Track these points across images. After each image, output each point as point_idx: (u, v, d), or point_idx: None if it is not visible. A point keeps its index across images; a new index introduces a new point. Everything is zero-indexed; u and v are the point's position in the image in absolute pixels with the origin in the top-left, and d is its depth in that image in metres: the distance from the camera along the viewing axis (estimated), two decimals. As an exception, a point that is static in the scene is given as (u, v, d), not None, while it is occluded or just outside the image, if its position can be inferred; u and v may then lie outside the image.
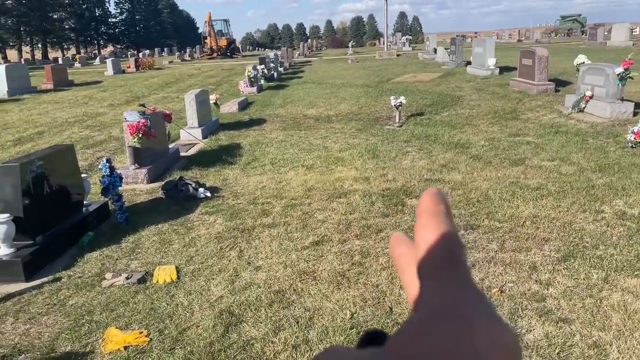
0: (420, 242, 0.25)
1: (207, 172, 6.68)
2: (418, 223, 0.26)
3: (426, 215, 0.26)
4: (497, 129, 8.49)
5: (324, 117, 10.72)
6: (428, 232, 0.25)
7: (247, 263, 3.96)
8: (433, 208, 0.26)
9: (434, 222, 0.25)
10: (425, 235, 0.25)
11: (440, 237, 0.25)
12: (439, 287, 0.23)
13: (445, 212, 0.26)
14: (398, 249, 0.28)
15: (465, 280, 0.24)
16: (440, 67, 20.26)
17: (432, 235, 0.25)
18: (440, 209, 0.26)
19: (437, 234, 0.25)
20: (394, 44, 42.60)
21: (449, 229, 0.25)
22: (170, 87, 18.75)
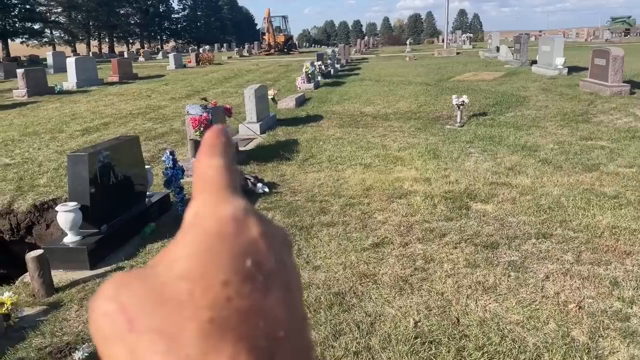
0: (195, 168, 0.27)
1: (264, 167, 6.67)
2: (198, 153, 0.28)
3: (204, 146, 0.28)
4: (567, 132, 8.03)
5: (382, 115, 10.53)
6: (203, 160, 0.27)
7: (306, 262, 3.88)
8: (213, 140, 0.28)
9: (209, 151, 0.28)
10: (200, 162, 0.27)
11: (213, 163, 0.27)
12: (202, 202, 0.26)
13: (224, 144, 0.28)
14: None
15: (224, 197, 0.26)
16: (503, 66, 19.54)
17: (206, 161, 0.27)
18: (219, 142, 0.28)
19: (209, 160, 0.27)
20: (454, 41, 41.59)
21: (222, 158, 0.27)
22: (229, 82, 19.05)
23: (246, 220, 0.25)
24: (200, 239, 0.24)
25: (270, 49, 43.51)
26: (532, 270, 3.58)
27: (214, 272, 0.23)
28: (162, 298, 0.22)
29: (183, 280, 0.23)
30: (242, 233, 0.25)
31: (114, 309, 0.23)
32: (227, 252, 0.24)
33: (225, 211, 0.25)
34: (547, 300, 3.18)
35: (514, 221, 4.48)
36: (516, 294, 3.28)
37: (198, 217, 0.25)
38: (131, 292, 0.23)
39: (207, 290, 0.22)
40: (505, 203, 4.95)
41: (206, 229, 0.24)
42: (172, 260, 0.24)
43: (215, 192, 0.26)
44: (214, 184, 0.26)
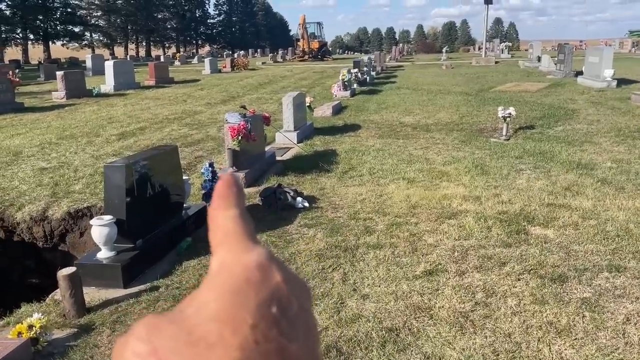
0: (213, 220, 0.28)
1: (303, 179, 6.40)
2: (212, 205, 0.29)
3: (218, 198, 0.29)
4: (624, 149, 7.52)
5: (422, 125, 10.16)
6: (219, 212, 0.28)
7: (353, 289, 3.57)
8: (224, 191, 0.29)
9: (224, 203, 0.28)
10: (217, 215, 0.28)
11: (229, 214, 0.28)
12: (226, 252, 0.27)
13: (236, 194, 0.29)
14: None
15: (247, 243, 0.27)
16: (545, 76, 18.88)
17: (222, 214, 0.28)
18: (231, 192, 0.29)
19: (226, 212, 0.28)
20: (491, 50, 40.77)
21: (237, 208, 0.28)
22: (264, 87, 18.95)
23: (270, 267, 0.26)
24: (228, 283, 0.25)
25: (304, 55, 43.48)
26: (609, 310, 3.19)
27: (242, 314, 0.24)
28: (192, 339, 0.23)
29: (213, 322, 0.23)
30: (267, 279, 0.25)
31: (146, 351, 0.23)
32: (254, 297, 0.24)
33: (251, 259, 0.26)
34: (632, 349, 2.79)
35: (581, 250, 4.07)
36: (594, 338, 2.90)
37: (224, 265, 0.26)
38: (162, 335, 0.24)
39: (236, 331, 0.23)
40: (567, 228, 4.54)
41: (233, 274, 0.25)
42: (201, 303, 0.25)
43: (238, 241, 0.27)
44: (234, 235, 0.27)
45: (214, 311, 0.24)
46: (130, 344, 0.24)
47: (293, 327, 0.25)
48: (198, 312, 0.24)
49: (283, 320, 0.25)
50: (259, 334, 0.23)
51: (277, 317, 0.24)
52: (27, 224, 5.68)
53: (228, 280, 0.25)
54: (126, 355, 0.24)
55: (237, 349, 0.23)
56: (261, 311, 0.24)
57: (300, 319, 0.26)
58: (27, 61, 51.15)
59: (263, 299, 0.24)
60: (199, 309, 0.24)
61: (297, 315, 0.25)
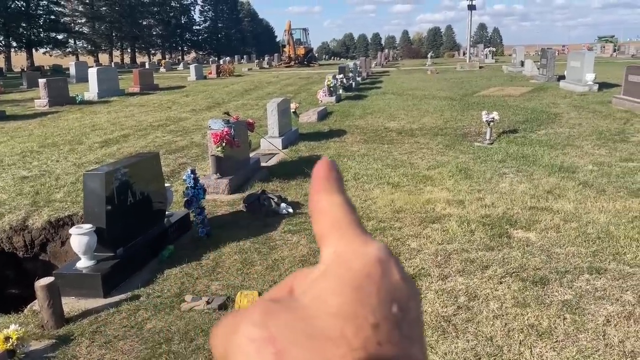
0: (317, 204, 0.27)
1: (287, 185, 6.38)
2: (314, 188, 0.28)
3: (320, 181, 0.28)
4: (605, 152, 7.61)
5: (407, 130, 10.20)
6: (323, 196, 0.27)
7: (336, 295, 3.55)
8: (326, 174, 0.28)
9: (328, 187, 0.27)
10: (320, 199, 0.27)
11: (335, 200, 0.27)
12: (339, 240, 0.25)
13: (338, 179, 0.28)
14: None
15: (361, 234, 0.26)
16: (529, 81, 19.09)
17: (327, 198, 0.27)
18: (332, 176, 0.28)
19: (331, 197, 0.27)
20: (475, 55, 41.17)
21: (342, 194, 0.27)
22: (249, 94, 18.92)
23: (389, 263, 0.25)
24: (348, 277, 0.24)
25: (290, 61, 43.51)
26: (590, 312, 3.21)
27: (364, 313, 0.23)
28: (311, 332, 0.22)
29: (333, 317, 0.22)
30: (387, 276, 0.24)
31: (263, 337, 0.22)
32: (376, 294, 0.23)
33: (371, 252, 0.25)
34: (611, 350, 2.82)
35: (562, 252, 4.10)
36: (575, 340, 2.92)
37: (341, 256, 0.25)
38: (279, 322, 0.23)
39: (358, 330, 0.22)
40: (549, 231, 4.58)
41: (352, 268, 0.24)
42: (318, 294, 0.23)
43: (351, 231, 0.26)
44: (346, 224, 0.26)
45: (334, 306, 0.23)
46: (243, 329, 0.23)
47: (413, 330, 0.24)
48: (316, 303, 0.23)
49: (404, 322, 0.23)
50: (382, 335, 0.22)
51: (398, 318, 0.23)
52: (7, 234, 5.59)
53: (347, 274, 0.24)
54: (239, 341, 0.23)
55: (360, 348, 0.22)
56: (383, 311, 0.23)
57: (419, 322, 0.24)
58: (9, 69, 50.54)
59: (384, 297, 0.23)
60: (317, 301, 0.23)
61: (417, 318, 0.24)
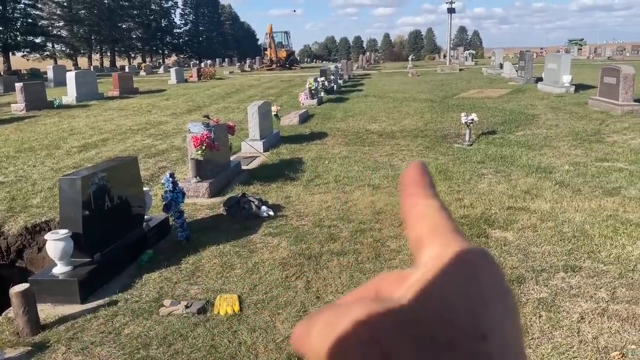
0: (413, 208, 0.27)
1: (268, 187, 6.38)
2: (407, 190, 0.27)
3: (413, 184, 0.27)
4: (581, 152, 7.76)
5: (388, 132, 10.27)
6: (419, 200, 0.27)
7: (316, 297, 3.56)
8: (419, 177, 0.28)
9: (422, 191, 0.27)
10: (417, 202, 0.27)
11: (432, 204, 0.27)
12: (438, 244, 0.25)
13: (430, 183, 0.28)
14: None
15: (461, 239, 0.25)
16: (508, 83, 19.36)
17: (424, 202, 0.27)
18: (425, 179, 0.28)
19: (428, 201, 0.27)
20: (456, 58, 41.62)
21: (438, 199, 0.27)
22: (230, 97, 18.85)
23: (496, 267, 0.24)
24: (453, 282, 0.23)
25: (272, 64, 43.48)
26: (565, 309, 3.27)
27: (473, 322, 0.21)
28: (417, 336, 0.21)
29: (442, 323, 0.21)
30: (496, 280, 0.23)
31: (368, 338, 0.21)
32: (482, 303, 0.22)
33: (474, 257, 0.24)
34: (585, 347, 2.87)
35: (538, 251, 4.17)
36: (550, 337, 2.97)
37: (444, 260, 0.24)
38: (385, 323, 0.22)
39: (467, 339, 0.21)
40: (526, 230, 4.65)
41: (457, 273, 0.23)
42: (423, 297, 0.22)
43: (452, 236, 0.25)
44: (445, 229, 0.26)
45: (441, 311, 0.22)
46: (347, 327, 0.22)
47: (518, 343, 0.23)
48: (421, 306, 0.22)
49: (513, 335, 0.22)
50: (493, 348, 0.21)
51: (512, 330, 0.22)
52: (-18, 241, 5.48)
53: (452, 278, 0.23)
54: (342, 339, 0.21)
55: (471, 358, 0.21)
56: (491, 322, 0.22)
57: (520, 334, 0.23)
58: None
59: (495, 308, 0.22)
60: (421, 303, 0.22)
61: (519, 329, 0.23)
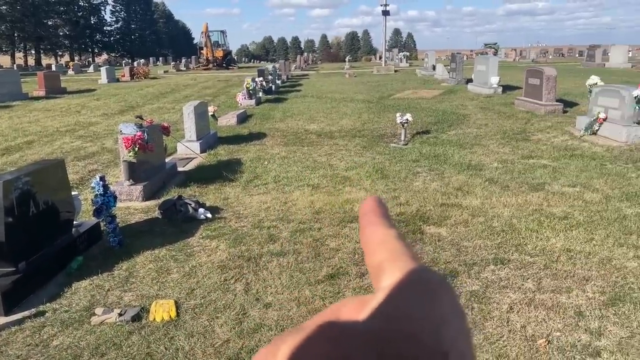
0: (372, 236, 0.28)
1: (206, 189, 6.26)
2: (365, 220, 0.29)
3: (371, 214, 0.29)
4: (509, 150, 8.16)
5: (326, 132, 10.35)
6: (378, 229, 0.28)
7: (256, 299, 3.53)
8: (376, 207, 0.29)
9: (381, 220, 0.29)
10: (376, 230, 0.28)
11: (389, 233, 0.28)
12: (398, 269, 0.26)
13: (387, 212, 0.30)
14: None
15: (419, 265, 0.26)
16: (440, 84, 20.03)
17: (382, 231, 0.28)
18: (382, 210, 0.29)
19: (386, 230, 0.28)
20: (391, 59, 42.58)
21: (395, 228, 0.28)
22: (165, 97, 18.34)
23: (452, 290, 0.25)
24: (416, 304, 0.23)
25: (209, 63, 42.72)
26: (495, 300, 3.42)
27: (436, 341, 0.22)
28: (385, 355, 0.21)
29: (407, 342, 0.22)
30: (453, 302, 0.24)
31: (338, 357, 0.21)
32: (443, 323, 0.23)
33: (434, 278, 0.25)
34: (514, 335, 3.02)
35: (470, 246, 4.34)
36: (482, 328, 3.10)
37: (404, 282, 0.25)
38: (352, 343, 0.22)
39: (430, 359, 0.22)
40: (458, 226, 4.83)
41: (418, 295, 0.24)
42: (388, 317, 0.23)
43: (411, 262, 0.26)
44: (404, 255, 0.27)
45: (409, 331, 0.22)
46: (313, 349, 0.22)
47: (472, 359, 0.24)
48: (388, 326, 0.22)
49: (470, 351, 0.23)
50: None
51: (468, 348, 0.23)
52: None
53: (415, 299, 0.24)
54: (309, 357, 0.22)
55: None
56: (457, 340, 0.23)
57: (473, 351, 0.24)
58: None
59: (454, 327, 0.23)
60: (389, 323, 0.22)
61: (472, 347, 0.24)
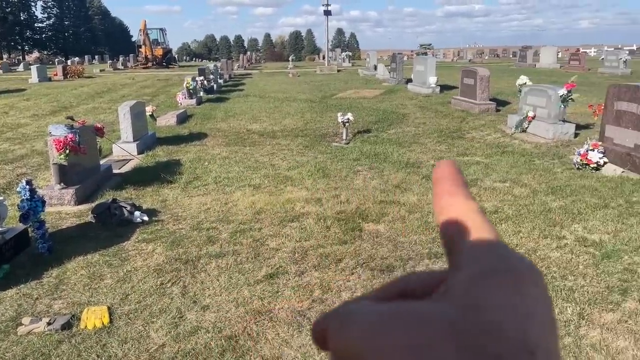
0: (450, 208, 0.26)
1: (143, 192, 6.10)
2: (441, 188, 0.27)
3: (448, 182, 0.27)
4: (445, 148, 8.44)
5: (269, 132, 10.33)
6: (457, 200, 0.26)
7: (193, 302, 3.48)
8: (453, 175, 0.27)
9: (461, 191, 0.26)
10: (454, 202, 0.26)
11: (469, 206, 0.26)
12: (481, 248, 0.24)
13: (465, 181, 0.27)
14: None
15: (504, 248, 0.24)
16: (381, 83, 20.42)
17: (463, 203, 0.26)
18: (460, 178, 0.27)
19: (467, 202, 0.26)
20: (334, 59, 42.95)
21: (475, 201, 0.26)
22: (101, 97, 17.69)
23: (541, 280, 0.23)
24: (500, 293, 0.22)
25: (148, 62, 41.54)
26: (429, 293, 3.54)
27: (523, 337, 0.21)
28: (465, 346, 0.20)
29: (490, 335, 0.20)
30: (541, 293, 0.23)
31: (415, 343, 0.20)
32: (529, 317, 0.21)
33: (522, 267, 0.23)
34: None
35: (406, 241, 4.47)
36: (416, 320, 3.19)
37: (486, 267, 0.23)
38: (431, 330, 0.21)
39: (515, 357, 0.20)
40: (396, 222, 4.95)
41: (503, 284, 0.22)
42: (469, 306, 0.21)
43: (495, 244, 0.24)
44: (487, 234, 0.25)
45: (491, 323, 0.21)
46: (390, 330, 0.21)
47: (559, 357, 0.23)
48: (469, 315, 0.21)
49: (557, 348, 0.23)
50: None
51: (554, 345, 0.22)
52: None
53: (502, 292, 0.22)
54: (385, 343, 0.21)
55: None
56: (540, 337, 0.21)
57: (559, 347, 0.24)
58: None
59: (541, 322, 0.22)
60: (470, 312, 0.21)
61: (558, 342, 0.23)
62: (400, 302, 0.24)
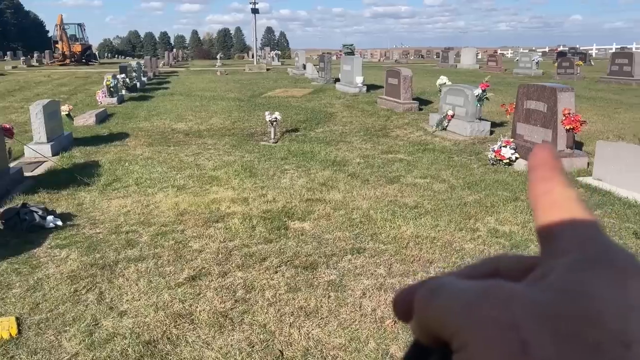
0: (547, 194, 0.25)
1: (57, 195, 5.79)
2: (537, 175, 0.26)
3: (545, 167, 0.26)
4: (370, 146, 8.64)
5: (195, 131, 10.12)
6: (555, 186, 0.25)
7: (109, 308, 3.35)
8: (551, 160, 0.26)
9: (557, 176, 0.26)
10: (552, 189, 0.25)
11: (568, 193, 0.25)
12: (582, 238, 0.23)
13: (563, 168, 0.26)
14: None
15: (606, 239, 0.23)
16: (310, 83, 20.55)
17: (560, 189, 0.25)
18: (558, 164, 0.26)
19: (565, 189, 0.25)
20: (263, 58, 42.74)
21: (574, 189, 0.25)
22: (13, 95, 16.57)
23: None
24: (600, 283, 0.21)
25: (65, 58, 39.42)
26: (350, 288, 3.62)
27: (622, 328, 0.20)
28: (560, 330, 0.20)
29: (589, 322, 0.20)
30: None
31: (508, 322, 0.20)
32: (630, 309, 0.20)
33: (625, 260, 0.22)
34: (365, 319, 3.22)
35: (330, 238, 4.54)
36: (337, 315, 3.26)
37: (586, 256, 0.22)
38: (525, 311, 0.20)
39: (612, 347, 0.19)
40: (321, 220, 5.01)
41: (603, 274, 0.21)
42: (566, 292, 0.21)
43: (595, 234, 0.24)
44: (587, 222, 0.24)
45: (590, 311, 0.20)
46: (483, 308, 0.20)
47: None
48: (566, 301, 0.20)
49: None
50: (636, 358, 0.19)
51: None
52: None
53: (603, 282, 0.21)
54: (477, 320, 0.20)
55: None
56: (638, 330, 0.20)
57: None
58: None
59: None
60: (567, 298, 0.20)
61: None
62: (497, 280, 0.23)
